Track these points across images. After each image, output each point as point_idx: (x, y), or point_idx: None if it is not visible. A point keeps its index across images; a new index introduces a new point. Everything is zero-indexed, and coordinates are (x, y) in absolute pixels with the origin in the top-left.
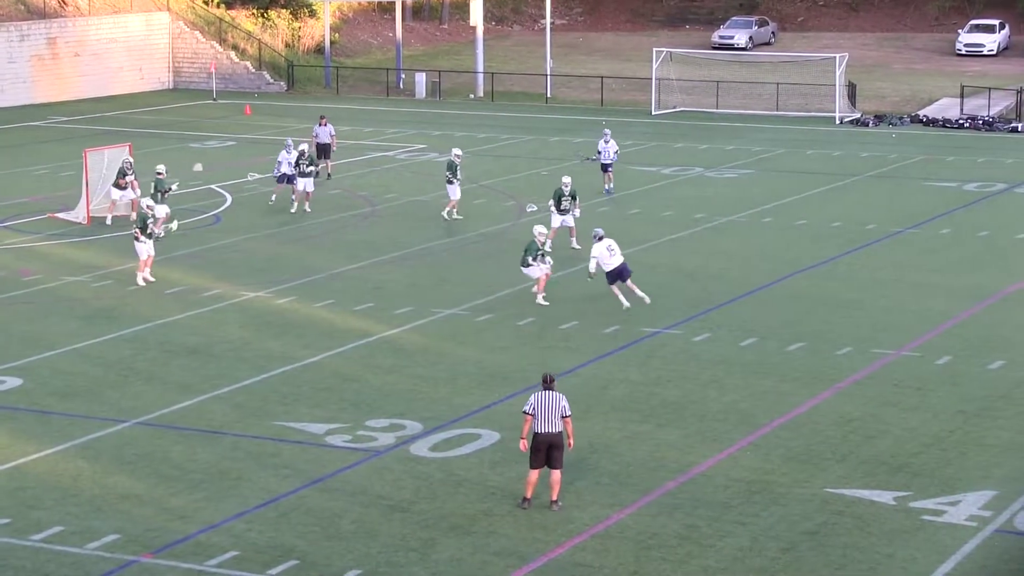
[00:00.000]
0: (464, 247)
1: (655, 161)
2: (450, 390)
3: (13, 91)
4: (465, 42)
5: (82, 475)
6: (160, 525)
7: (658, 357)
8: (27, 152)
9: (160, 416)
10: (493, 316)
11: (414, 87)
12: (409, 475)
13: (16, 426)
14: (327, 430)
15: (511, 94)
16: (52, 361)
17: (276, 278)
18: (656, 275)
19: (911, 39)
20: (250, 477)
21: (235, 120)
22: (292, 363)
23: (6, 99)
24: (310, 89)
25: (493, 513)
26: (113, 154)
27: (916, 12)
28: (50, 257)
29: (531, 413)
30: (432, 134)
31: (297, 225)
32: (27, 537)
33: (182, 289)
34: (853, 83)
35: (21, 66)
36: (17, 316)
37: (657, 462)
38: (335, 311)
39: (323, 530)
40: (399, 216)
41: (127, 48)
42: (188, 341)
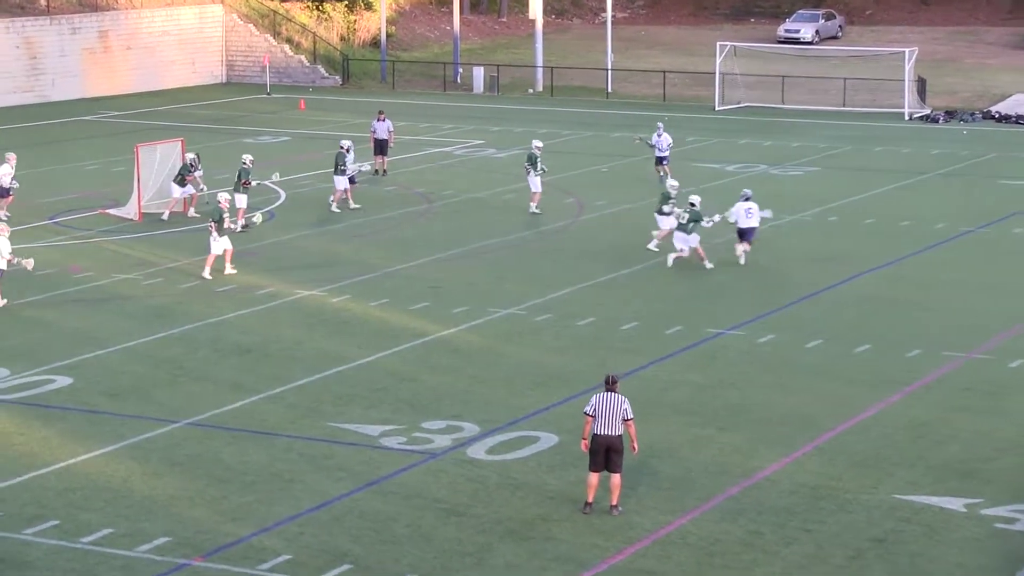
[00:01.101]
0: (522, 245)
1: (718, 158)
2: (507, 391)
3: (64, 85)
4: (524, 36)
5: (132, 476)
6: (211, 528)
7: (721, 359)
8: (78, 147)
9: (212, 417)
10: (552, 316)
11: (472, 82)
12: (465, 478)
13: (65, 426)
14: (382, 432)
15: (571, 89)
16: (102, 360)
17: (330, 276)
18: (719, 275)
19: (983, 33)
20: (303, 479)
21: (289, 115)
22: (346, 363)
23: (57, 93)
24: (365, 84)
25: (551, 518)
26: (165, 149)
27: (988, 6)
28: (101, 254)
29: (592, 414)
30: (490, 130)
31: (352, 222)
32: (76, 539)
33: (234, 287)
34: (923, 78)
35: (72, 59)
36: (67, 314)
37: (720, 467)
38: (390, 310)
39: (377, 534)
40: (456, 213)
41: (179, 41)
42: (240, 340)
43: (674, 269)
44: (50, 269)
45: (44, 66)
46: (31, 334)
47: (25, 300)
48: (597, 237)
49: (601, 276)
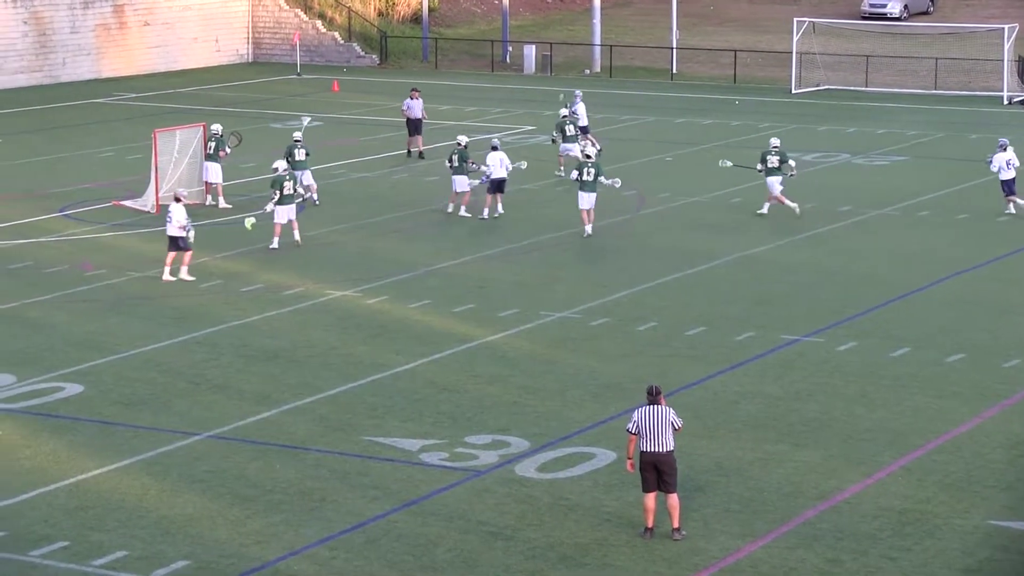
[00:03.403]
0: (577, 242)
1: (795, 146)
2: (560, 403)
3: (75, 64)
4: (580, 11)
5: (148, 493)
6: (235, 551)
7: (797, 368)
8: (91, 132)
9: (235, 429)
10: (609, 320)
11: (522, 61)
12: (513, 498)
13: (76, 438)
14: (421, 446)
15: (631, 69)
16: (116, 366)
17: (366, 275)
18: (795, 276)
19: None
20: (335, 498)
21: (321, 97)
22: (383, 371)
23: (68, 73)
24: (405, 63)
25: (608, 543)
26: (185, 135)
27: None
28: (115, 250)
29: (635, 432)
30: (542, 114)
31: (390, 216)
32: (87, 562)
33: (260, 287)
34: (1023, 58)
35: (85, 36)
36: (78, 315)
37: (795, 487)
38: (432, 312)
39: (416, 559)
40: (505, 206)
41: (202, 16)
42: (267, 345)
43: (747, 268)
44: (59, 266)
45: (54, 44)
46: (39, 337)
47: (32, 300)
48: (660, 233)
49: (664, 276)
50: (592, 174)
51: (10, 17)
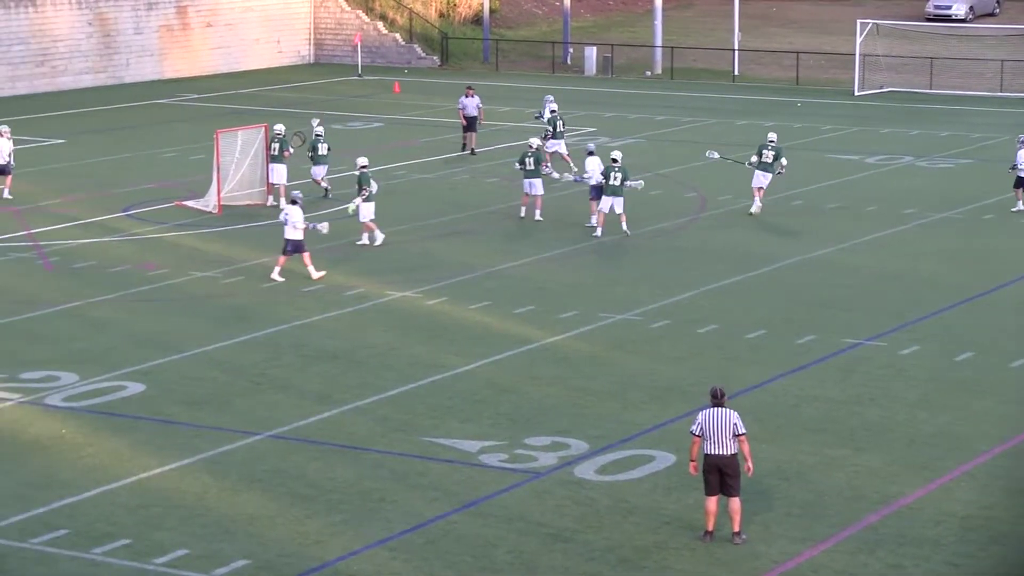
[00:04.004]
0: (638, 244)
1: (858, 148)
2: (619, 405)
3: (139, 65)
4: (641, 12)
5: (209, 493)
6: (294, 550)
7: (859, 372)
8: (153, 133)
9: (295, 429)
10: (669, 322)
11: (583, 63)
12: (573, 500)
13: (138, 437)
14: (481, 448)
15: (693, 71)
16: (178, 366)
17: (426, 276)
18: (858, 278)
19: None
20: (394, 499)
21: (382, 98)
22: (442, 372)
23: (132, 74)
24: (466, 64)
25: (667, 546)
26: (247, 136)
27: None
28: (177, 249)
29: (699, 433)
30: (603, 116)
31: (450, 217)
32: (149, 560)
33: (321, 288)
34: None
35: (148, 37)
36: (140, 315)
37: (856, 492)
38: (491, 314)
39: (475, 560)
40: (564, 208)
41: (264, 18)
42: (327, 346)
43: (809, 271)
44: (122, 266)
45: (118, 45)
46: (101, 337)
47: (95, 299)
48: (721, 235)
49: (725, 279)
50: (619, 178)
51: (75, 18)
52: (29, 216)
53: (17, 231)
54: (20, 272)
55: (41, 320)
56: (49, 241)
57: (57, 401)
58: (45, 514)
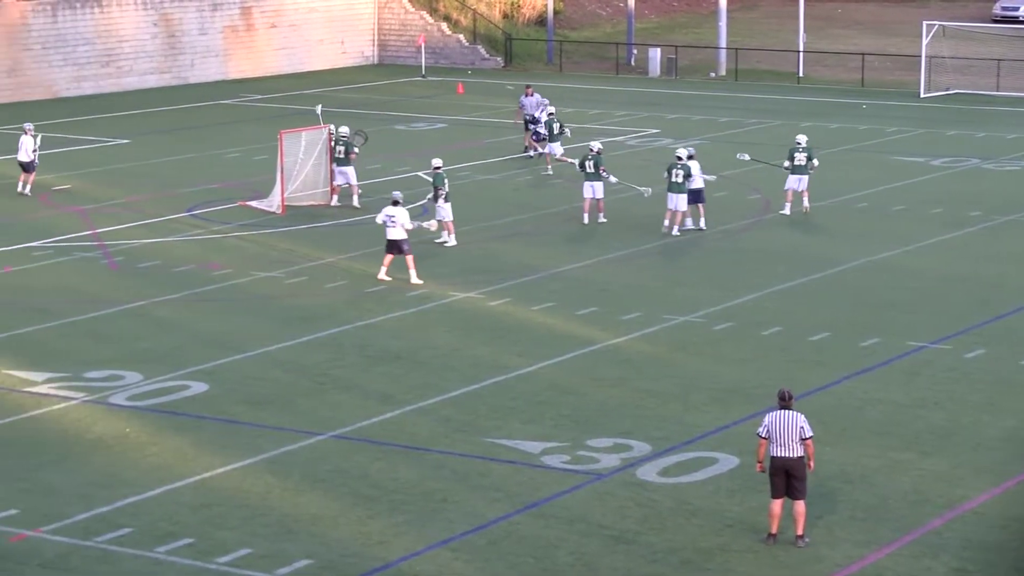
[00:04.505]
0: (700, 245)
1: (923, 150)
2: (682, 407)
3: (204, 66)
4: (706, 14)
5: (272, 492)
6: (357, 551)
7: (924, 375)
8: (218, 133)
9: (358, 429)
10: (733, 324)
11: (647, 64)
12: (635, 502)
13: (201, 436)
14: (543, 449)
15: (757, 72)
16: (241, 365)
17: (489, 277)
18: (922, 281)
19: None
20: (456, 499)
21: (446, 99)
22: (505, 373)
23: (196, 75)
24: (530, 65)
25: (730, 548)
26: (311, 136)
27: None
28: (241, 249)
29: (766, 436)
30: (667, 117)
31: (513, 218)
32: (212, 560)
33: (384, 288)
34: None
35: (213, 38)
36: (204, 314)
37: (920, 495)
38: (554, 315)
39: (537, 561)
40: (627, 209)
41: (328, 19)
42: (390, 346)
43: (874, 273)
44: (187, 266)
45: (183, 45)
46: (165, 336)
47: (159, 299)
48: (784, 237)
49: (789, 281)
50: (680, 175)
51: (140, 19)
52: (94, 216)
53: (82, 231)
54: (85, 272)
55: (105, 319)
56: (114, 241)
57: (121, 400)
58: (109, 513)
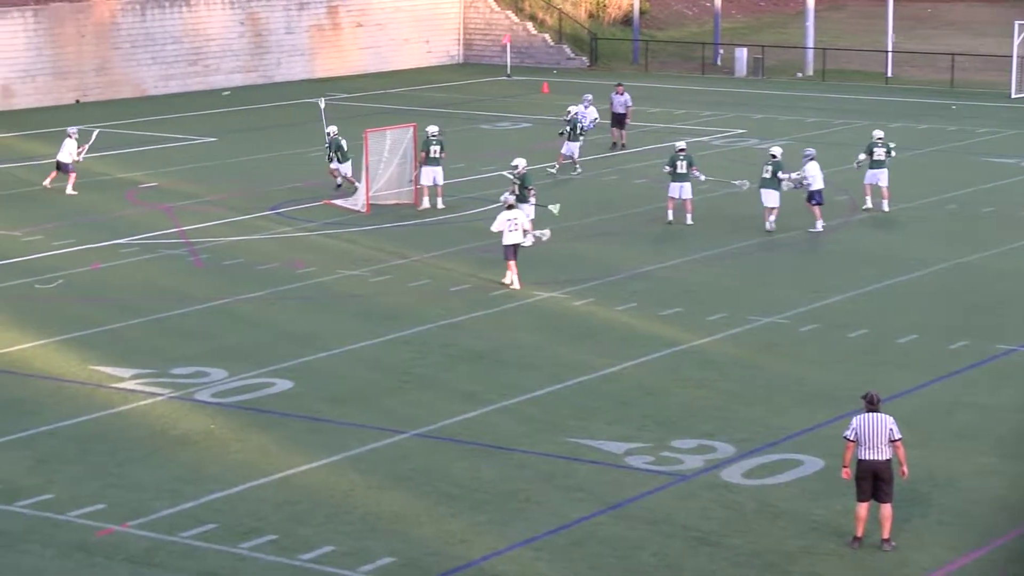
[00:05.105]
0: (787, 246)
1: (1013, 151)
2: (767, 409)
3: (290, 64)
4: (793, 14)
5: (355, 490)
6: (439, 549)
7: (1013, 378)
8: (303, 132)
9: (441, 428)
10: (819, 326)
11: (733, 64)
12: (719, 504)
13: (285, 433)
14: (626, 449)
15: (845, 73)
16: (325, 363)
17: (573, 277)
18: (1012, 284)
19: None
20: (539, 499)
21: (531, 99)
22: (589, 373)
23: (282, 73)
24: (615, 65)
25: (815, 551)
26: (396, 135)
27: None
28: (325, 248)
29: (853, 439)
30: (753, 117)
31: (598, 218)
32: (295, 556)
33: (468, 287)
34: None
35: (299, 37)
36: (289, 312)
37: (1008, 501)
38: (638, 316)
39: (620, 561)
40: (712, 210)
41: (413, 18)
42: (474, 345)
43: (962, 276)
44: (271, 263)
45: (269, 44)
46: (251, 333)
47: (244, 296)
48: (872, 238)
49: (876, 283)
50: (771, 172)
51: (227, 18)
52: (180, 213)
53: (169, 228)
54: (171, 269)
55: (191, 316)
56: (200, 238)
57: (206, 397)
58: (194, 508)
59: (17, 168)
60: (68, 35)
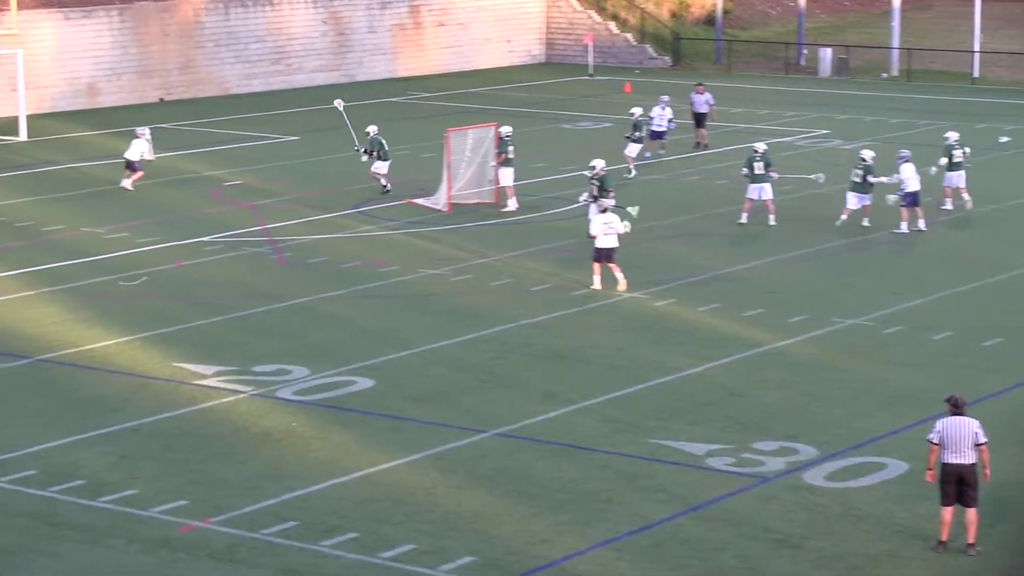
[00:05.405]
0: (871, 247)
1: None
2: (850, 411)
3: (372, 63)
4: (878, 13)
5: (436, 489)
6: (520, 549)
7: None
8: (385, 131)
9: (522, 427)
10: (903, 328)
11: (817, 64)
12: (801, 506)
13: (366, 431)
14: (708, 451)
15: (930, 73)
16: (406, 361)
17: (654, 277)
18: None
19: None
20: (620, 500)
21: (612, 99)
22: (670, 374)
23: (364, 72)
24: (698, 65)
25: (899, 555)
26: (478, 135)
27: None
28: (407, 247)
29: (937, 442)
30: (837, 118)
31: (679, 219)
32: (376, 555)
33: (549, 287)
34: None
35: (381, 36)
36: (370, 311)
37: None
38: (720, 316)
39: (702, 563)
40: (793, 211)
41: (496, 17)
42: (555, 345)
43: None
44: (353, 262)
45: (352, 43)
46: (333, 332)
47: (327, 295)
48: (958, 239)
49: (962, 284)
50: (861, 175)
51: (311, 17)
52: (264, 211)
53: (252, 226)
54: (255, 267)
55: (274, 314)
56: (283, 236)
57: (288, 395)
58: (275, 505)
59: (102, 166)
60: (152, 34)
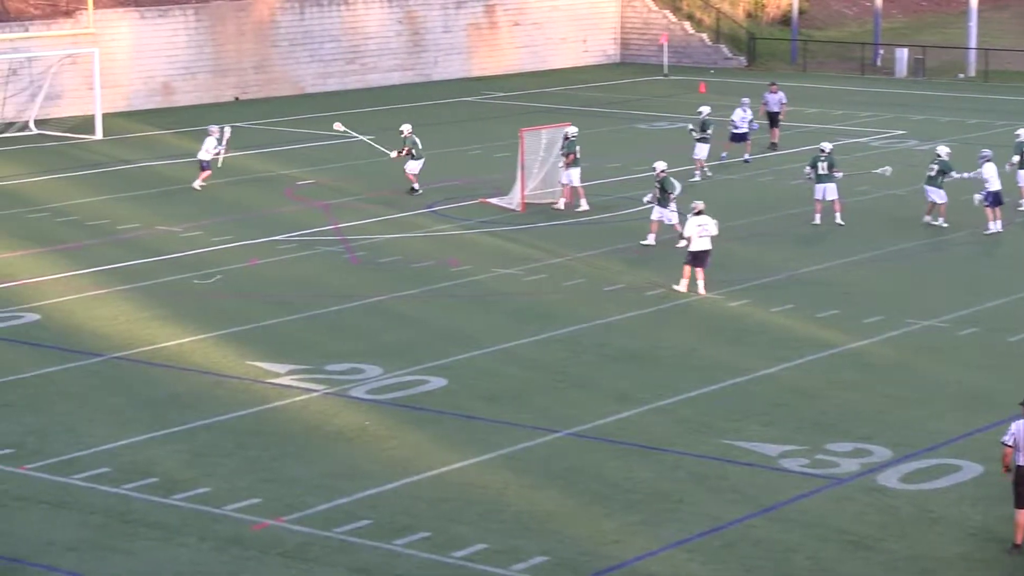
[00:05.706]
0: (947, 248)
1: None
2: (925, 413)
3: (447, 63)
4: (955, 13)
5: (508, 488)
6: (592, 549)
7: None
8: (460, 130)
9: (595, 427)
10: (978, 329)
11: (893, 64)
12: (875, 508)
13: (439, 431)
14: (781, 452)
15: (1007, 74)
16: (478, 361)
17: (728, 278)
18: None
19: None
20: (692, 500)
21: (687, 99)
22: (743, 374)
23: (440, 71)
24: (773, 65)
25: (972, 557)
26: (552, 134)
27: None
28: (480, 246)
29: (1012, 444)
30: (913, 119)
31: (753, 219)
32: (448, 553)
33: (623, 288)
34: None
35: (456, 36)
36: (443, 310)
37: None
38: (794, 317)
39: (775, 565)
40: (870, 211)
41: (571, 17)
42: (628, 345)
43: None
44: (426, 262)
45: (426, 43)
46: (405, 331)
47: (400, 294)
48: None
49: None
50: (936, 170)
51: (386, 16)
52: (337, 210)
53: (325, 225)
54: (327, 266)
55: (347, 313)
56: (356, 235)
57: (361, 393)
58: (348, 504)
59: (176, 165)
60: (228, 33)
